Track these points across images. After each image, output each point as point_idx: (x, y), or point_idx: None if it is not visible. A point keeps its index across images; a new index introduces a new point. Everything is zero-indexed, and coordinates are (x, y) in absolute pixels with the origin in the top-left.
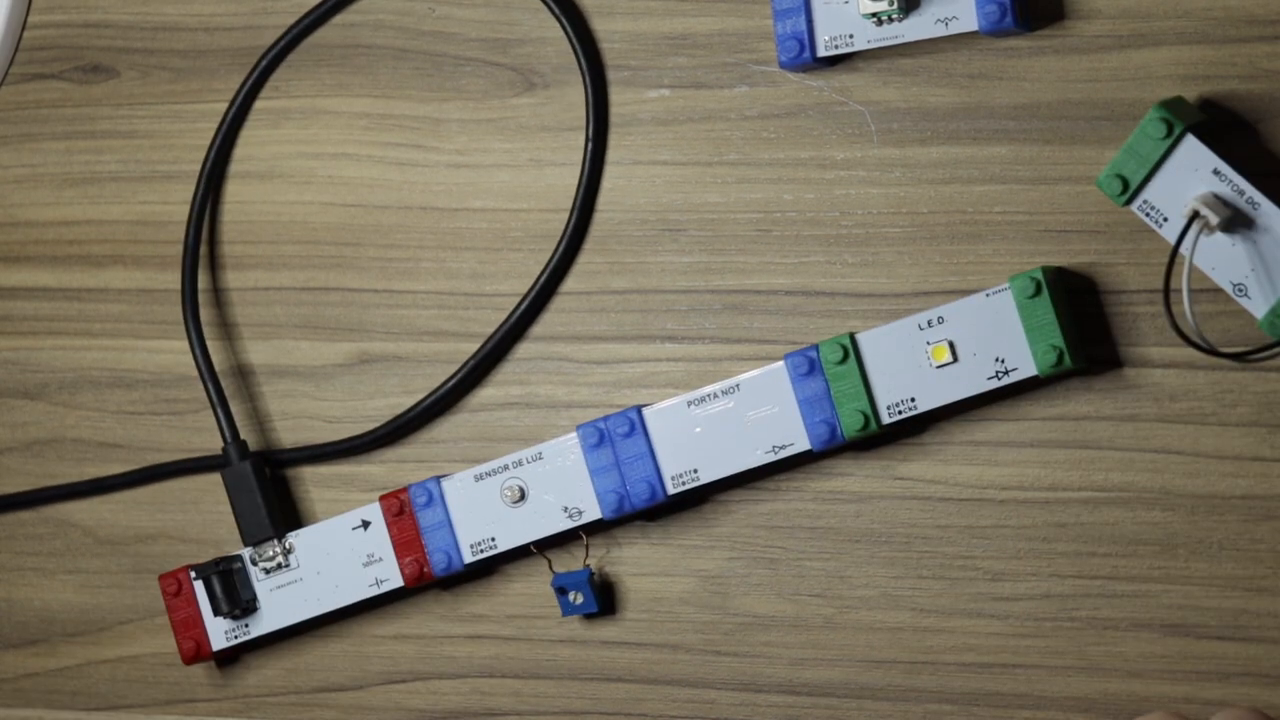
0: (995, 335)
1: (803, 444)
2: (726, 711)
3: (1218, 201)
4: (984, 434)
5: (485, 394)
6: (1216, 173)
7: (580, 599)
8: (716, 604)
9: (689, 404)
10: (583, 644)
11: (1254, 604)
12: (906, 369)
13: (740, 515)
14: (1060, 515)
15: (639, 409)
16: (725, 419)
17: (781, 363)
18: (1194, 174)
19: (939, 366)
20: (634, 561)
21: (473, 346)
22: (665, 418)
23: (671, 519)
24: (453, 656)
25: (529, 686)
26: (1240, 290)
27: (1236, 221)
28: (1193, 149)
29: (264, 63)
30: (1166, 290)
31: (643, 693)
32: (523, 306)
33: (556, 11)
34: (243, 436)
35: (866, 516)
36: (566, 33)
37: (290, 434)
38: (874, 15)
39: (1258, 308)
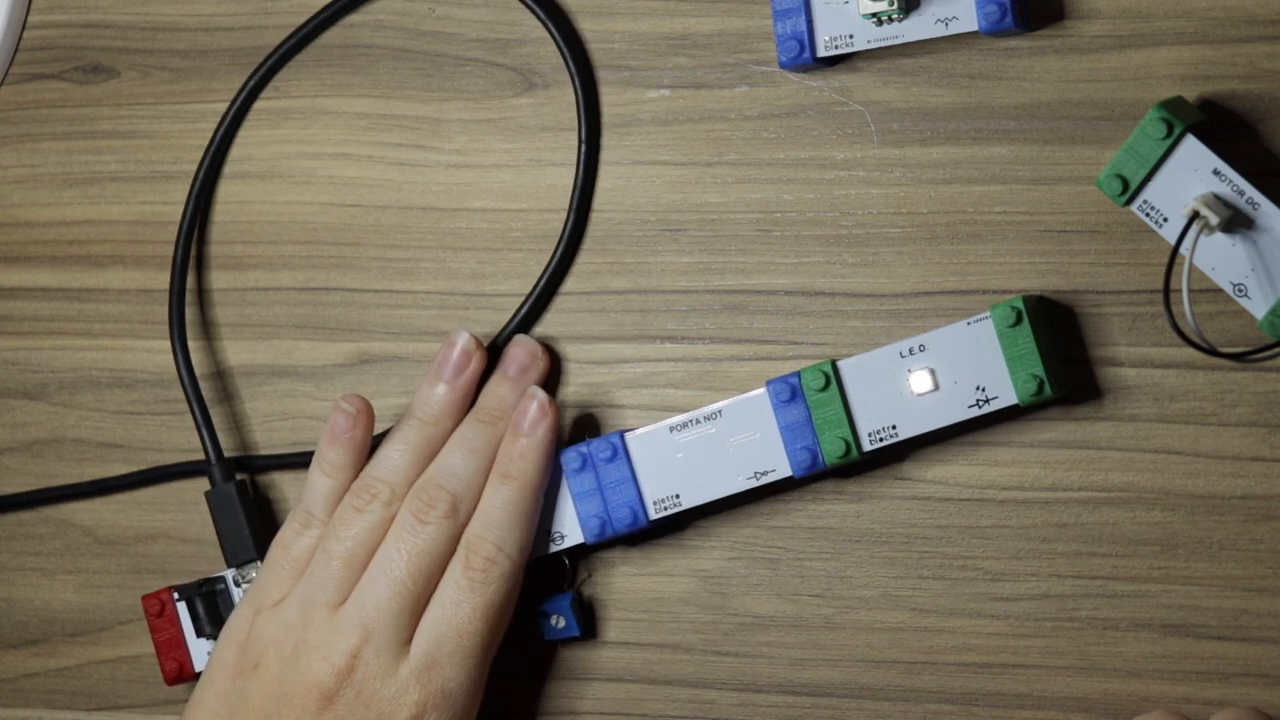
0: (976, 364)
1: (784, 470)
2: (726, 711)
3: (1218, 201)
4: (984, 434)
5: None
6: (1216, 173)
7: (562, 623)
8: (716, 604)
9: (671, 429)
10: (583, 644)
11: (1254, 604)
12: (888, 396)
13: (740, 515)
14: (1060, 515)
15: (621, 434)
16: (707, 445)
17: (763, 389)
18: (1194, 174)
19: (920, 394)
20: (633, 561)
21: None
22: (647, 443)
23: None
24: None
25: (529, 686)
26: (1240, 290)
27: (1236, 221)
28: (1193, 149)
29: (267, 65)
30: (1166, 290)
31: (643, 693)
32: (525, 308)
33: (543, 16)
34: (243, 437)
35: (866, 516)
36: (553, 35)
37: (290, 434)
38: (874, 15)
39: (1258, 308)
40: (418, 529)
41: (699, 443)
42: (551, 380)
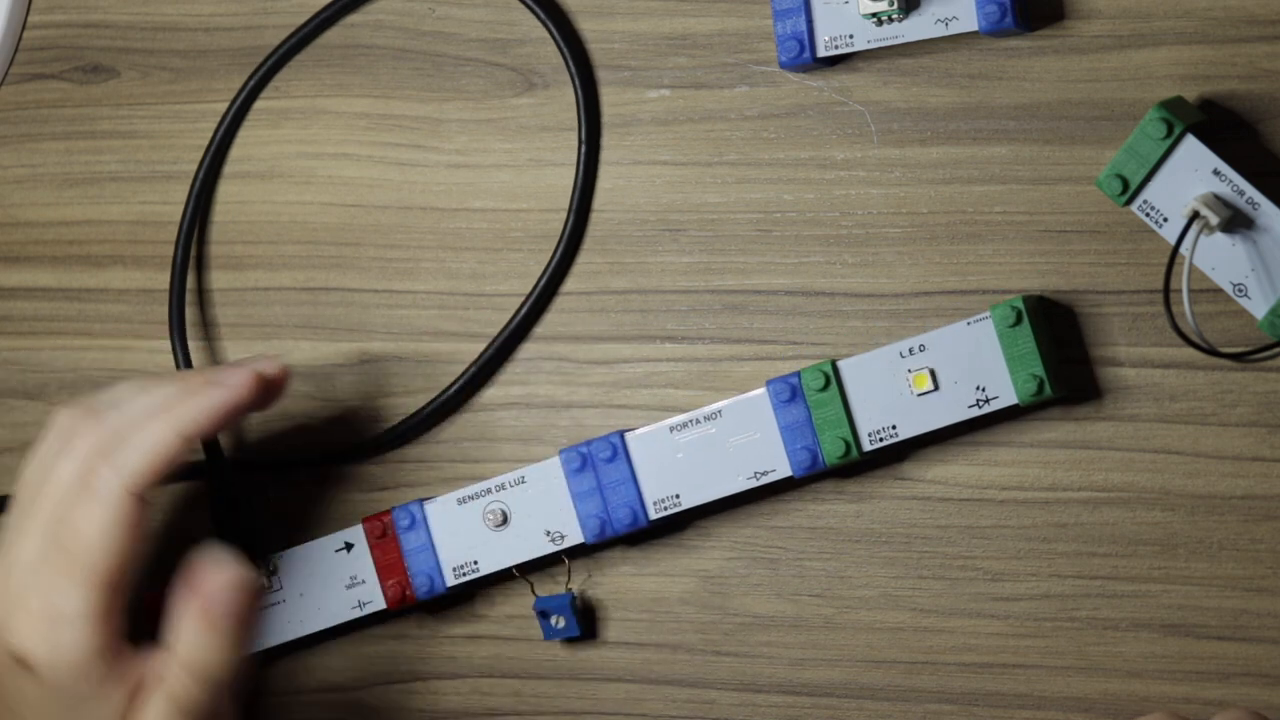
0: (976, 364)
1: (784, 470)
2: (726, 711)
3: (1218, 201)
4: (984, 434)
5: (486, 395)
6: (1216, 173)
7: (562, 623)
8: (716, 604)
9: (671, 429)
10: (583, 644)
11: (1254, 604)
12: (888, 396)
13: (740, 515)
14: (1060, 515)
15: (621, 434)
16: (707, 445)
17: (763, 389)
18: (1194, 174)
19: (920, 394)
20: (633, 561)
21: (473, 346)
22: (647, 443)
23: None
24: (452, 656)
25: (529, 686)
26: (1240, 290)
27: (1236, 221)
28: (1193, 149)
29: (267, 65)
30: (1166, 290)
31: (643, 693)
32: (525, 308)
33: (543, 16)
34: (242, 438)
35: (866, 516)
36: (553, 35)
37: (291, 434)
38: (874, 15)
39: (1258, 308)
40: None
41: (699, 443)
42: (555, 379)
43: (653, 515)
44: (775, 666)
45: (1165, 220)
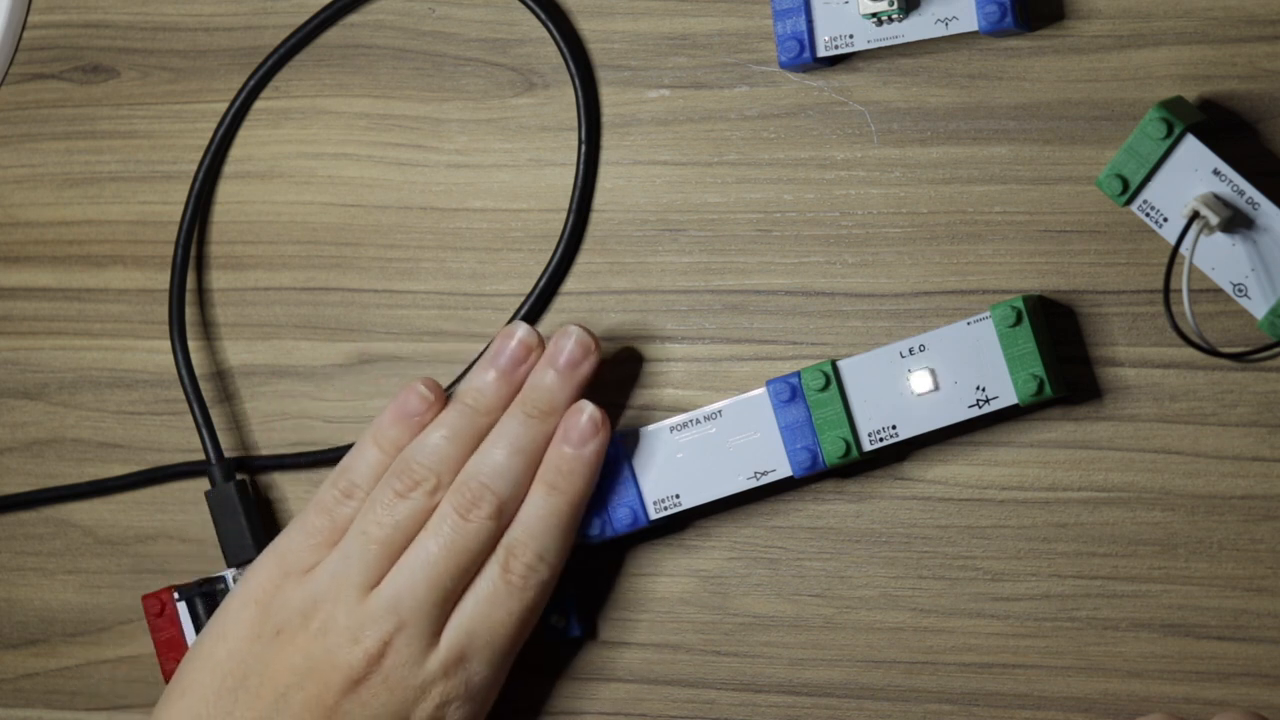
0: (976, 364)
1: (784, 470)
2: (726, 711)
3: (1218, 201)
4: (984, 434)
5: None
6: (1216, 173)
7: (562, 623)
8: (716, 604)
9: (671, 429)
10: (583, 644)
11: (1254, 604)
12: (888, 396)
13: (740, 515)
14: (1060, 515)
15: (620, 435)
16: (707, 445)
17: (763, 389)
18: (1194, 174)
19: (920, 394)
20: (633, 561)
21: (473, 346)
22: (648, 443)
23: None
24: None
25: (529, 686)
26: (1240, 290)
27: (1236, 221)
28: (1193, 149)
29: (267, 65)
30: (1166, 290)
31: (643, 693)
32: (525, 308)
33: (543, 16)
34: (243, 437)
35: (866, 516)
36: (553, 35)
37: (290, 434)
38: (874, 15)
39: (1258, 308)
40: (460, 525)
41: (699, 443)
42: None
43: (653, 515)
44: (775, 666)
45: (1165, 220)
